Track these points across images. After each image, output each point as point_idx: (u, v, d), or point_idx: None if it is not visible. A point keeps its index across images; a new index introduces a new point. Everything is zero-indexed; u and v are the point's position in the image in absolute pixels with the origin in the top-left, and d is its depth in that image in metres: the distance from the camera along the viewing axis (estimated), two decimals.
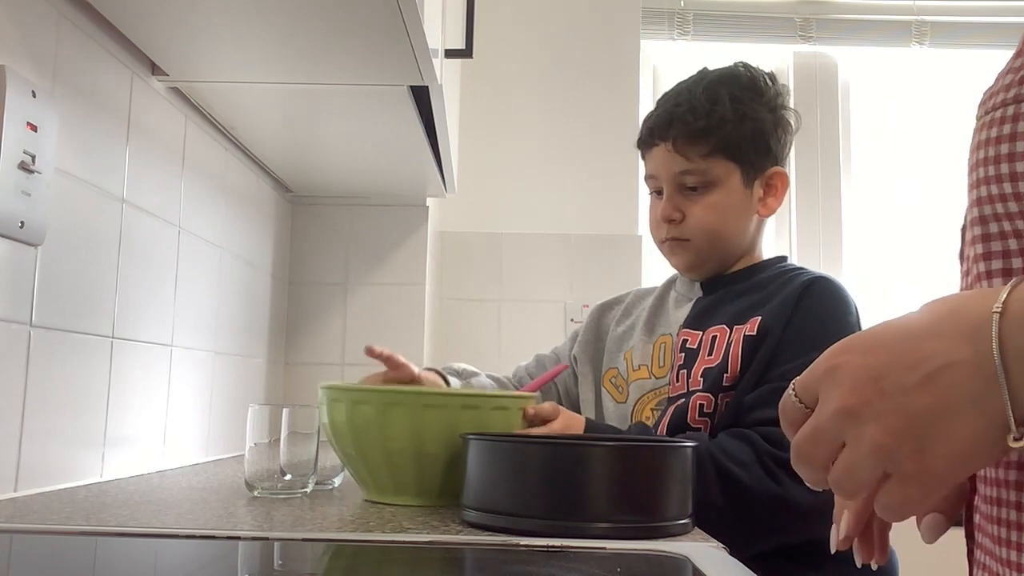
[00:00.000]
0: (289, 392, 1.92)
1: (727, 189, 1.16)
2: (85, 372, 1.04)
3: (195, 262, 1.38)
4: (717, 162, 1.14)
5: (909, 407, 0.40)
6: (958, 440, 0.39)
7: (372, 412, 0.85)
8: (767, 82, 1.19)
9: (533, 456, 0.76)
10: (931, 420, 0.40)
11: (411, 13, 0.98)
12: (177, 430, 1.32)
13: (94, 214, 1.05)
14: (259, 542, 0.70)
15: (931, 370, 0.40)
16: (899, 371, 0.40)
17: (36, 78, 0.91)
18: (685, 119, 1.14)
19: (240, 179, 1.59)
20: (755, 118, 1.16)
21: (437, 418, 0.84)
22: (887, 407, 0.41)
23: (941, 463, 0.40)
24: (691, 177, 1.15)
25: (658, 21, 2.47)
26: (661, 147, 1.17)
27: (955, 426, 0.39)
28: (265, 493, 0.94)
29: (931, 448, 0.40)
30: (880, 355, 0.42)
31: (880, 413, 0.41)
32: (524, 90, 2.34)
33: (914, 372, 0.40)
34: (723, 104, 1.14)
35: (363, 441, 0.87)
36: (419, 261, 1.96)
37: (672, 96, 1.20)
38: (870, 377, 0.41)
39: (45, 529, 0.72)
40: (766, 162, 1.17)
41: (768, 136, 1.17)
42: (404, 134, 1.45)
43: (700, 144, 1.14)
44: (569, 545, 0.69)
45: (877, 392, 0.41)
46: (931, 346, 0.40)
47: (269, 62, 1.17)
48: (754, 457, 0.99)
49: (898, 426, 0.40)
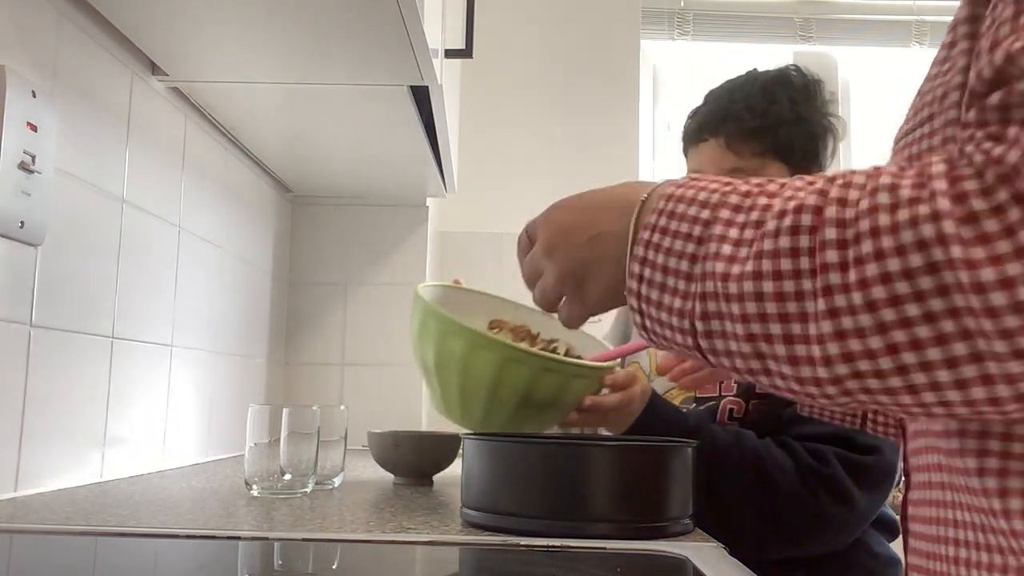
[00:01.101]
0: (289, 392, 1.92)
1: None
2: (85, 372, 1.04)
3: (195, 262, 1.38)
4: (769, 162, 1.13)
5: (576, 257, 0.57)
6: (602, 284, 0.56)
7: (461, 347, 0.88)
8: (819, 87, 1.19)
9: (533, 456, 0.76)
10: (588, 268, 0.56)
11: (411, 13, 0.98)
12: (177, 430, 1.32)
13: (94, 214, 1.05)
14: (259, 542, 0.70)
15: (594, 234, 0.56)
16: (578, 230, 0.57)
17: (36, 78, 0.91)
18: (741, 115, 1.13)
19: (240, 179, 1.59)
20: (809, 121, 1.15)
21: (518, 373, 0.86)
22: (565, 253, 0.58)
23: (591, 298, 0.58)
24: (742, 175, 1.14)
25: (658, 21, 2.47)
26: (711, 143, 1.14)
27: (602, 274, 0.56)
28: (265, 493, 0.94)
29: (586, 285, 0.57)
30: (571, 215, 0.59)
31: (561, 257, 0.58)
32: (524, 90, 2.34)
33: (585, 232, 0.56)
34: (781, 104, 1.13)
35: (445, 369, 0.90)
36: (419, 261, 1.96)
37: (724, 92, 1.18)
38: (562, 230, 0.59)
39: (45, 529, 0.72)
40: (812, 167, 1.16)
41: (818, 141, 1.16)
42: (404, 134, 1.45)
43: (754, 142, 1.12)
44: (569, 545, 0.69)
45: (563, 242, 0.58)
46: (600, 217, 0.56)
47: (269, 62, 1.17)
48: (794, 467, 1.01)
49: (569, 268, 0.58)
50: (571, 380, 0.91)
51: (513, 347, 0.91)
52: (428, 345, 0.92)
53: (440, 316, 0.91)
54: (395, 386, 1.93)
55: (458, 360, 0.89)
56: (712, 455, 1.01)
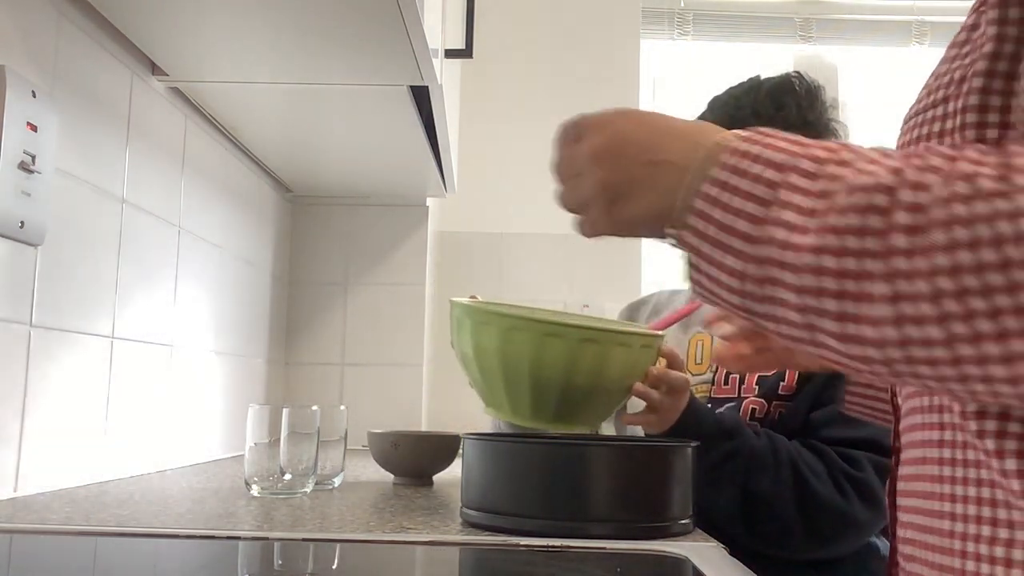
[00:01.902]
0: (289, 392, 1.92)
1: None
2: (85, 372, 1.04)
3: (195, 262, 1.38)
4: None
5: (628, 172, 0.54)
6: (642, 208, 0.53)
7: (495, 334, 0.84)
8: (821, 93, 1.19)
9: (533, 456, 0.76)
10: (632, 186, 0.53)
11: (411, 13, 0.98)
12: (177, 430, 1.32)
13: (94, 214, 1.05)
14: (259, 542, 0.70)
15: (655, 158, 0.52)
16: (639, 147, 0.54)
17: (36, 78, 0.91)
18: (748, 122, 1.11)
19: (240, 179, 1.59)
20: (815, 126, 1.15)
21: (557, 347, 0.83)
22: (616, 165, 0.54)
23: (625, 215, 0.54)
24: None
25: (658, 21, 2.47)
26: None
27: (645, 199, 0.53)
28: (265, 493, 0.94)
29: (625, 203, 0.54)
30: (638, 131, 0.55)
31: (610, 167, 0.55)
32: (524, 90, 2.34)
33: (646, 153, 0.53)
34: (788, 110, 1.13)
35: (485, 361, 0.87)
36: (419, 261, 1.96)
37: (730, 100, 1.17)
38: (620, 141, 0.55)
39: (45, 529, 0.72)
40: None
41: None
42: (404, 134, 1.45)
43: None
44: (569, 545, 0.69)
45: (618, 152, 0.55)
46: (668, 142, 0.53)
47: (269, 62, 1.17)
48: (826, 470, 1.02)
49: (614, 180, 0.54)
50: (612, 349, 0.84)
51: (548, 321, 0.85)
52: (466, 340, 0.88)
53: (471, 308, 0.88)
54: (395, 386, 1.93)
55: (496, 348, 0.85)
56: (750, 456, 1.02)
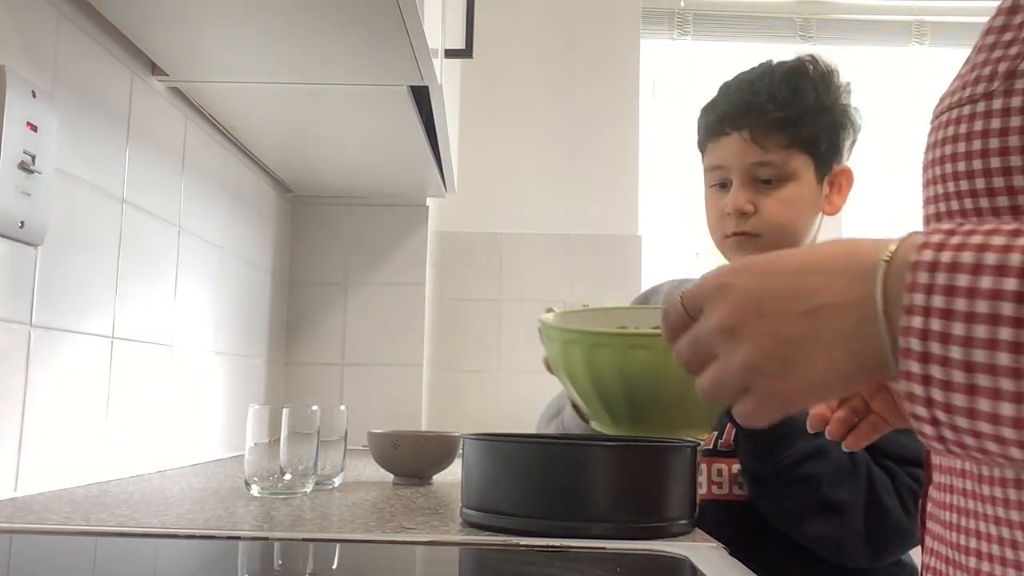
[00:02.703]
0: (289, 392, 1.92)
1: (802, 183, 1.11)
2: (85, 372, 1.04)
3: (195, 262, 1.38)
4: (795, 155, 1.10)
5: (783, 333, 0.43)
6: (819, 371, 0.42)
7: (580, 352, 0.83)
8: (836, 77, 1.16)
9: (533, 456, 0.76)
10: (800, 349, 0.42)
11: (411, 13, 0.98)
12: (177, 430, 1.32)
13: (94, 214, 1.05)
14: (259, 542, 0.70)
15: (813, 305, 0.42)
16: (783, 300, 0.43)
17: (36, 78, 0.91)
18: (764, 107, 1.10)
19: (240, 179, 1.59)
20: (832, 111, 1.12)
21: (608, 356, 0.81)
22: (763, 330, 0.43)
23: (797, 388, 0.43)
24: (766, 169, 1.11)
25: (658, 21, 2.47)
26: (734, 136, 1.11)
27: (820, 357, 0.42)
28: (265, 493, 0.94)
29: (792, 373, 0.43)
30: (769, 281, 0.44)
31: (755, 335, 0.44)
32: (524, 90, 2.34)
33: (796, 303, 0.43)
34: (805, 94, 1.11)
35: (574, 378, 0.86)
36: (419, 261, 1.96)
37: (743, 84, 1.15)
38: (754, 300, 0.44)
39: (45, 529, 0.72)
40: (835, 158, 1.14)
41: (840, 131, 1.14)
42: (404, 134, 1.45)
43: (779, 135, 1.09)
44: (569, 545, 0.69)
45: (757, 315, 0.44)
46: (818, 282, 0.42)
47: (269, 62, 1.17)
48: (893, 485, 1.02)
49: (768, 348, 0.43)
50: (662, 354, 0.84)
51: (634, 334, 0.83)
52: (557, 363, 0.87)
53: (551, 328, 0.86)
54: (395, 386, 1.93)
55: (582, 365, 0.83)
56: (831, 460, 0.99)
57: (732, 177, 1.13)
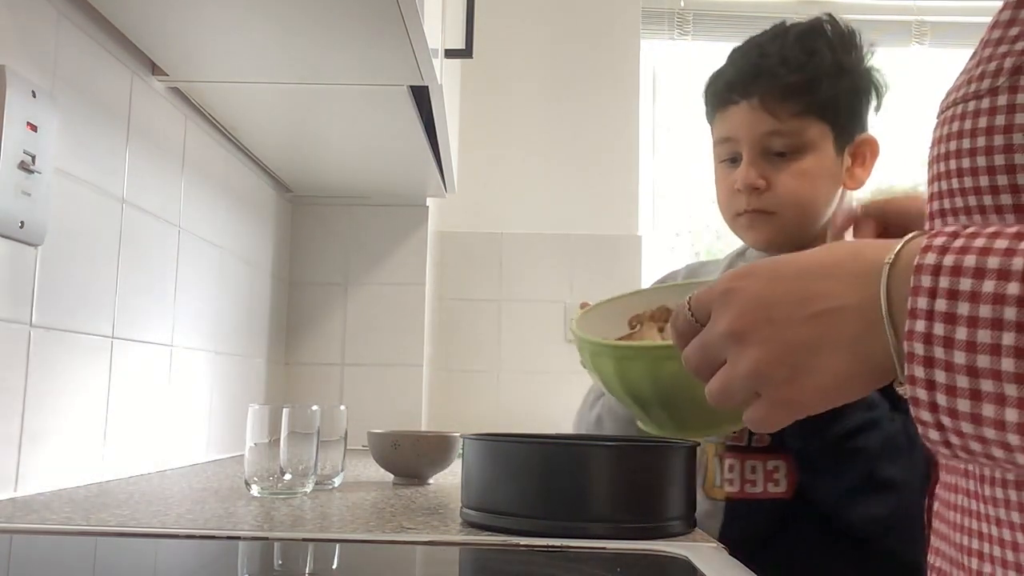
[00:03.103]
0: (289, 392, 1.92)
1: (820, 155, 1.00)
2: (85, 372, 1.04)
3: (195, 262, 1.38)
4: (811, 123, 0.99)
5: (791, 338, 0.43)
6: (828, 375, 0.42)
7: (610, 365, 0.82)
8: (857, 37, 1.05)
9: (533, 456, 0.76)
10: (808, 353, 0.43)
11: (411, 13, 0.98)
12: (177, 430, 1.32)
13: (94, 214, 1.05)
14: (259, 542, 0.70)
15: (819, 309, 0.42)
16: (789, 304, 0.43)
17: (36, 78, 0.91)
18: (775, 71, 0.99)
19: (240, 179, 1.59)
20: (853, 74, 1.01)
21: (638, 369, 0.80)
22: (771, 335, 0.44)
23: (807, 393, 0.43)
24: (780, 140, 1.00)
25: (658, 21, 2.47)
26: (743, 105, 1.01)
27: (828, 362, 0.42)
28: (265, 493, 0.94)
29: (802, 378, 0.43)
30: (776, 286, 0.45)
31: (763, 340, 0.44)
32: (524, 90, 2.34)
33: (803, 308, 0.43)
34: (822, 56, 1.00)
35: (609, 386, 0.85)
36: (419, 261, 1.96)
37: (753, 48, 1.04)
38: (761, 305, 0.45)
39: (45, 529, 0.72)
40: (857, 126, 1.03)
41: (863, 96, 1.03)
42: (404, 134, 1.45)
43: (793, 101, 0.98)
44: (569, 545, 0.69)
45: (765, 320, 0.44)
46: (824, 286, 0.43)
47: (269, 62, 1.17)
48: None
49: (776, 354, 0.43)
50: None
51: (661, 346, 0.80)
52: (591, 370, 0.86)
53: (585, 342, 0.84)
54: (395, 386, 1.93)
55: (614, 376, 0.82)
56: (886, 435, 0.92)
57: (742, 150, 1.02)
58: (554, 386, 2.18)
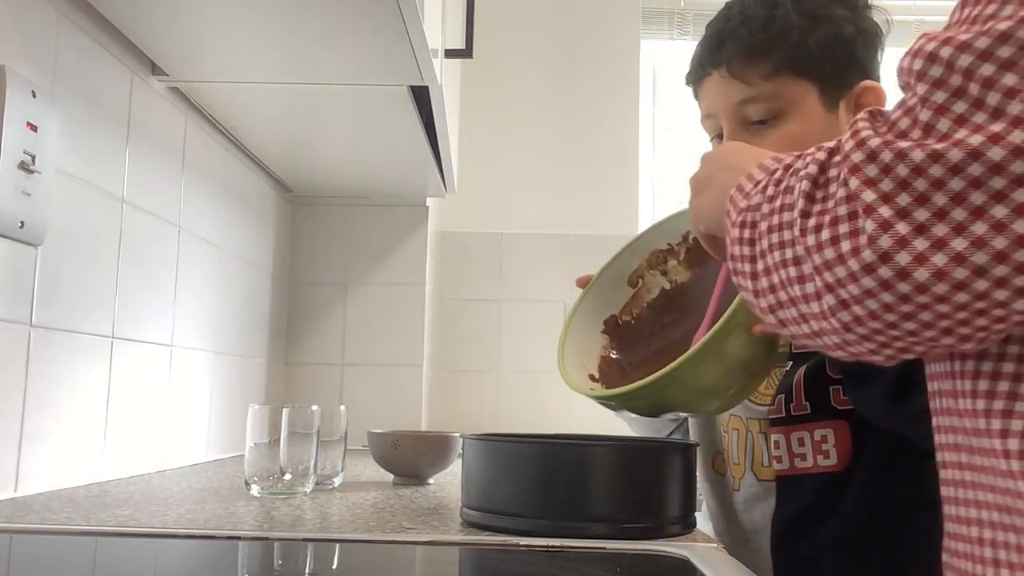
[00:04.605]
0: (289, 392, 1.92)
1: (804, 115, 0.91)
2: (85, 372, 1.04)
3: (195, 262, 1.38)
4: (786, 82, 0.91)
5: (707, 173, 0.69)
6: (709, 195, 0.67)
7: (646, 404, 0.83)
8: None
9: (533, 456, 0.76)
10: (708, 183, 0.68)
11: (411, 13, 0.98)
12: (177, 430, 1.32)
13: (94, 214, 1.05)
14: (259, 542, 0.70)
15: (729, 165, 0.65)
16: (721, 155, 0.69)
17: (36, 78, 0.91)
18: (738, 34, 0.93)
19: (240, 179, 1.59)
20: (830, 19, 0.92)
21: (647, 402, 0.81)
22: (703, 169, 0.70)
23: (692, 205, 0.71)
24: (755, 106, 0.92)
25: (658, 21, 2.47)
26: (714, 76, 0.94)
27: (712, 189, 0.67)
28: (265, 493, 0.94)
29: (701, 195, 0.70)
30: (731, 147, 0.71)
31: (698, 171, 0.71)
32: (524, 90, 2.34)
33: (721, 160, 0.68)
34: (784, 6, 0.92)
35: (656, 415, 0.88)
36: (419, 261, 1.96)
37: (720, 13, 0.98)
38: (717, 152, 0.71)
39: (45, 529, 0.72)
40: (851, 75, 0.92)
41: (850, 41, 0.92)
42: (404, 134, 1.45)
43: (761, 62, 0.91)
44: (569, 545, 0.69)
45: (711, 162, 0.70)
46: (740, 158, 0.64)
47: (269, 62, 1.17)
48: None
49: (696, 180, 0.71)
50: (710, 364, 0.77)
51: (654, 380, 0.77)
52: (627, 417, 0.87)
53: (593, 396, 0.84)
54: (395, 386, 1.93)
55: (656, 406, 0.83)
56: None
57: (723, 124, 0.95)
58: (554, 386, 2.17)
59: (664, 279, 0.99)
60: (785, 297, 0.50)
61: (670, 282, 0.98)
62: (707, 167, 0.69)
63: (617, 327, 0.99)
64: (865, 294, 0.44)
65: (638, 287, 1.00)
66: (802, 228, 0.47)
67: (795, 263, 0.48)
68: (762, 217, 0.52)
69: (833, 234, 0.45)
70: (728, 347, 0.77)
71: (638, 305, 1.00)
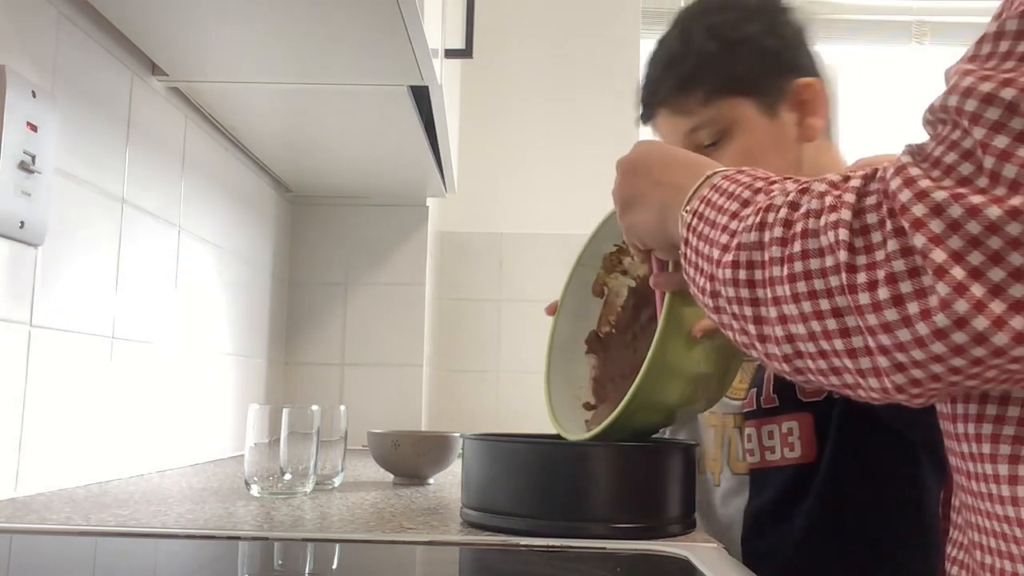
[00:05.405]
0: (289, 392, 1.92)
1: (749, 129, 0.97)
2: (85, 372, 1.04)
3: (195, 262, 1.38)
4: (722, 104, 0.96)
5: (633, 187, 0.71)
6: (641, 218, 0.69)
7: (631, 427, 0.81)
8: None
9: (533, 456, 0.76)
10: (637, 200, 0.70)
11: (411, 13, 0.98)
12: (177, 430, 1.32)
13: (94, 214, 1.05)
14: (259, 542, 0.70)
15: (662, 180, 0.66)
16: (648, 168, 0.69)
17: (36, 78, 0.91)
18: (665, 75, 1.00)
19: (240, 179, 1.59)
20: (744, 37, 0.97)
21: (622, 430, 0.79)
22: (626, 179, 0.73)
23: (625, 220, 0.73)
24: (703, 132, 0.98)
25: (658, 21, 2.47)
26: (661, 112, 1.01)
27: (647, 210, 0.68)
28: (265, 493, 0.94)
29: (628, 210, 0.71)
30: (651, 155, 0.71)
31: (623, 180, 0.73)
32: (524, 90, 2.34)
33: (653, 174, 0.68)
34: (697, 39, 0.98)
35: None
36: (419, 261, 1.96)
37: (648, 60, 1.04)
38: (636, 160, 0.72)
39: (45, 529, 0.72)
40: (783, 81, 0.98)
41: (772, 52, 0.98)
42: (404, 134, 1.45)
43: (693, 93, 0.97)
44: (569, 545, 0.69)
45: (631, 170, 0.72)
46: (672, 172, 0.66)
47: (269, 62, 1.17)
48: None
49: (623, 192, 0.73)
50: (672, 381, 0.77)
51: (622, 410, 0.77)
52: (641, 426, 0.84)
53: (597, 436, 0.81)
54: (395, 386, 1.93)
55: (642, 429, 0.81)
56: None
57: None
58: None
59: (626, 278, 0.99)
60: (813, 349, 0.46)
61: (633, 279, 0.97)
62: (633, 180, 0.70)
63: (599, 341, 0.98)
64: (932, 359, 0.41)
65: (605, 296, 1.00)
66: (850, 284, 0.43)
67: (834, 315, 0.44)
68: (771, 262, 0.47)
69: (894, 293, 0.41)
70: (674, 360, 0.75)
71: (612, 312, 0.99)
